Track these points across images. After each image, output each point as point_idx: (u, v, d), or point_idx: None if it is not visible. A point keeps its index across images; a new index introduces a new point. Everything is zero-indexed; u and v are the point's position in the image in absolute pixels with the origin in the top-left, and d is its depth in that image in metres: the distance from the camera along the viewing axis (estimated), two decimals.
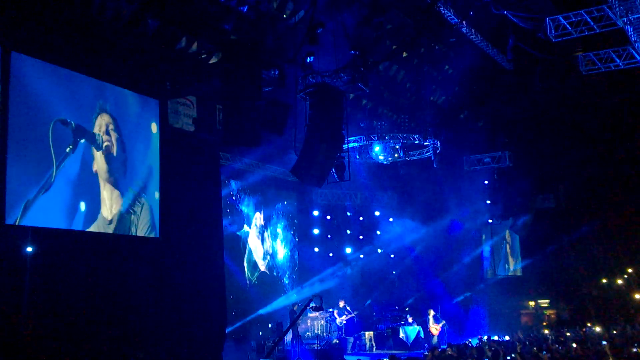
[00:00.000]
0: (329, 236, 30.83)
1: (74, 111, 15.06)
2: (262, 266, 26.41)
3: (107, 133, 15.95)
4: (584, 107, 26.10)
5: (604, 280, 32.22)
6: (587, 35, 18.41)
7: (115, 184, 16.09)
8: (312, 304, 21.26)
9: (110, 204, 15.88)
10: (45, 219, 14.17)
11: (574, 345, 18.90)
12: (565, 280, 31.52)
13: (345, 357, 20.68)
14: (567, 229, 31.08)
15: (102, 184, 15.67)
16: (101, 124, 15.82)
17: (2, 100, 13.37)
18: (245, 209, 25.48)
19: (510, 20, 19.10)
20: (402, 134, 24.65)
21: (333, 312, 25.20)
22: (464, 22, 18.74)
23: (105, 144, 15.84)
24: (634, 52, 19.85)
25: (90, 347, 14.81)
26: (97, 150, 15.61)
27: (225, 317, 20.22)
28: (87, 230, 15.26)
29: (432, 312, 26.48)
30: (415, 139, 24.81)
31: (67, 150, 14.75)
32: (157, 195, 17.29)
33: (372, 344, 25.38)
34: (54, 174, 14.32)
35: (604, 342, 18.11)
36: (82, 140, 15.19)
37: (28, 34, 13.99)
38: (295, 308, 24.60)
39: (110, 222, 15.89)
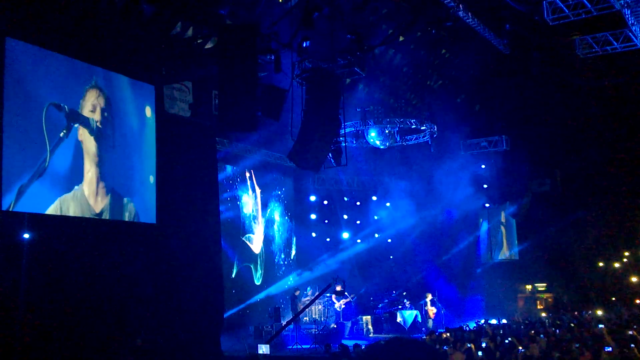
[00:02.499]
0: (326, 221, 30.84)
1: (68, 96, 15.02)
2: (258, 251, 26.41)
3: (97, 111, 15.87)
4: (581, 90, 26.07)
5: (601, 264, 32.29)
6: (584, 18, 18.34)
7: (106, 165, 16.04)
8: (333, 288, 21.09)
9: (98, 186, 15.84)
10: (39, 204, 14.14)
11: (572, 327, 18.99)
12: (562, 264, 31.55)
13: (342, 341, 20.71)
14: (564, 213, 31.09)
15: (90, 166, 15.60)
16: (94, 103, 15.75)
17: None
18: (241, 194, 25.46)
19: (507, 3, 19.02)
20: (399, 119, 24.63)
21: (331, 296, 25.25)
22: (460, 5, 18.66)
23: (97, 125, 15.79)
24: (631, 35, 19.81)
25: (87, 333, 14.82)
26: (91, 134, 15.55)
27: (223, 303, 20.25)
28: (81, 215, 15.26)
29: (429, 296, 26.56)
30: (412, 124, 24.79)
31: (61, 134, 14.70)
32: (152, 179, 17.25)
33: (369, 329, 25.45)
34: (47, 158, 14.26)
35: (601, 325, 18.18)
36: (76, 125, 15.13)
37: (23, 19, 13.93)
38: (297, 294, 24.62)
39: (101, 213, 15.86)
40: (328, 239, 30.59)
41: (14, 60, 13.79)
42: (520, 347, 14.63)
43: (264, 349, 18.32)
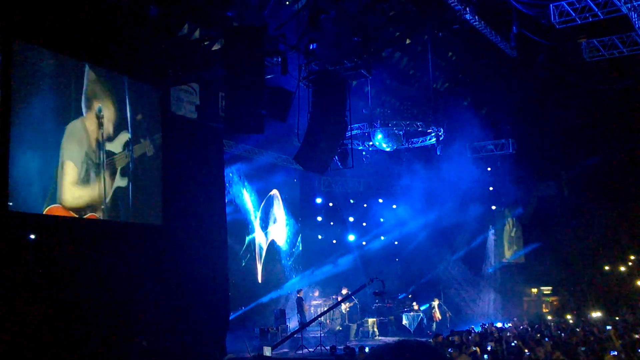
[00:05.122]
0: (332, 223, 30.83)
1: (75, 97, 15.08)
2: (264, 253, 26.42)
3: (104, 113, 15.95)
4: (588, 94, 26.02)
5: (607, 267, 32.21)
6: (590, 21, 18.31)
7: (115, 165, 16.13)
8: (376, 288, 20.70)
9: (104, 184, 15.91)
10: (44, 204, 14.20)
11: (577, 331, 18.96)
12: (568, 267, 31.49)
13: (347, 343, 20.70)
14: (569, 216, 31.04)
15: (100, 165, 15.69)
16: (100, 104, 15.83)
17: (5, 88, 13.38)
18: (247, 195, 25.46)
19: (513, 6, 19.01)
20: (405, 121, 24.62)
21: (337, 298, 25.23)
22: (467, 8, 18.66)
23: (104, 127, 15.86)
24: (637, 39, 19.78)
25: (92, 334, 14.85)
26: (97, 136, 15.62)
27: (228, 304, 20.27)
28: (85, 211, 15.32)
29: (436, 300, 26.57)
30: (418, 126, 24.78)
31: (67, 135, 14.76)
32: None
33: (375, 331, 25.43)
34: (56, 159, 14.36)
35: (609, 327, 18.15)
36: (83, 126, 15.19)
37: (30, 21, 13.97)
38: (300, 295, 24.60)
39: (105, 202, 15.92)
40: (334, 241, 30.59)
41: (21, 62, 13.86)
42: (526, 351, 14.62)
43: (266, 351, 18.32)
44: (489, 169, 30.43)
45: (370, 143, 25.67)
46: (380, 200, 31.83)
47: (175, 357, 16.74)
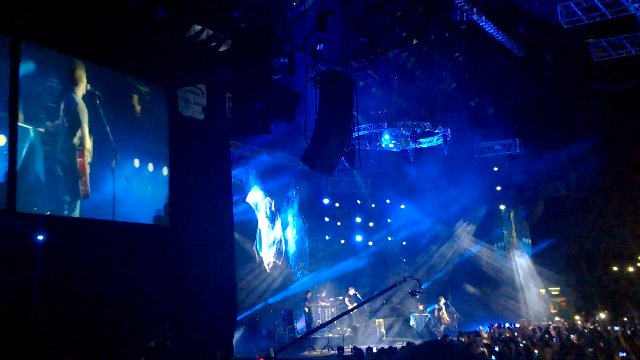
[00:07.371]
0: (339, 224, 30.83)
1: (80, 100, 15.14)
2: (271, 253, 26.42)
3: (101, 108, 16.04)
4: (595, 94, 25.94)
5: (615, 268, 32.08)
6: (598, 21, 18.26)
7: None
8: (410, 289, 20.62)
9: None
10: (51, 206, 14.26)
11: (586, 331, 18.91)
12: (576, 268, 31.40)
13: (355, 344, 20.67)
14: (577, 217, 30.94)
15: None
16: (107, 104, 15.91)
17: (13, 90, 13.41)
18: (255, 196, 25.47)
19: (521, 6, 18.97)
20: (413, 122, 24.60)
21: (344, 299, 25.19)
22: (474, 9, 18.62)
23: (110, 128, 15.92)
24: None
25: (100, 335, 14.89)
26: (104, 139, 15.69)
27: (236, 306, 20.27)
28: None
29: (442, 300, 26.48)
30: (425, 127, 24.76)
31: (75, 138, 14.82)
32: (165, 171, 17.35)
33: (382, 332, 25.39)
34: (61, 161, 14.44)
35: (617, 328, 18.08)
36: (87, 127, 15.26)
37: (38, 23, 14.00)
38: (308, 296, 24.58)
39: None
40: (342, 241, 30.60)
41: (30, 64, 13.90)
42: (535, 351, 14.59)
43: (271, 352, 18.33)
44: (495, 169, 30.39)
45: (378, 143, 25.66)
46: (388, 201, 31.82)
47: (182, 358, 16.76)
